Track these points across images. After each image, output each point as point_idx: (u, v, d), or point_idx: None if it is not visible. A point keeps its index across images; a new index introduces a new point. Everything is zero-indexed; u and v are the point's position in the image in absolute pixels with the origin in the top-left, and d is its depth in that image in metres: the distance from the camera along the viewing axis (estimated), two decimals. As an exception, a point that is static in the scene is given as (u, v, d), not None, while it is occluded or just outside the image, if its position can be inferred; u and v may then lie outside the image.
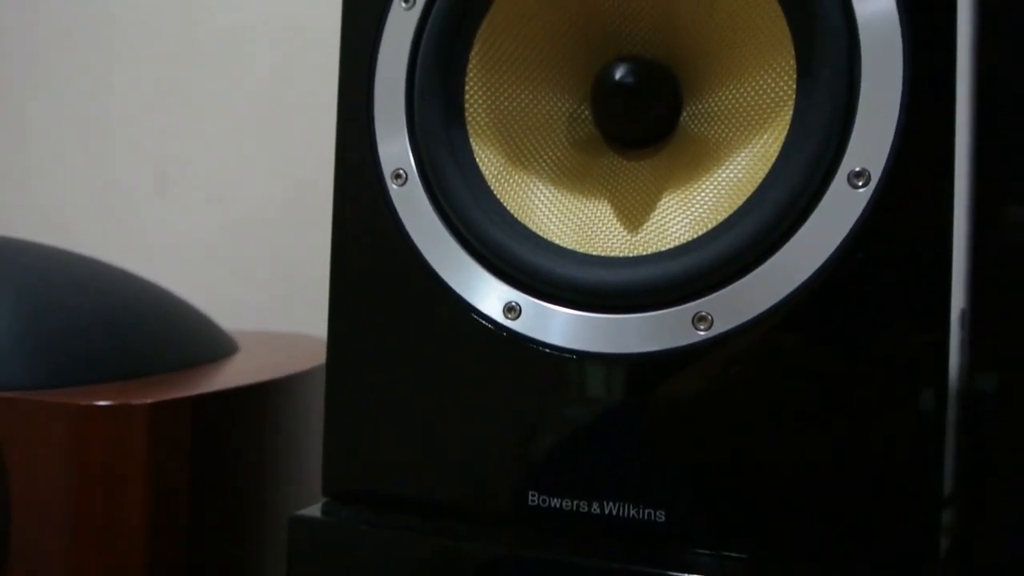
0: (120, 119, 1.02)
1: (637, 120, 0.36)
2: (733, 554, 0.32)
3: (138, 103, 1.01)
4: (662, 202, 0.36)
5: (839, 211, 0.31)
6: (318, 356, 0.62)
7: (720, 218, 0.33)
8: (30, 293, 0.46)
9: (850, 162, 0.31)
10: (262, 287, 0.96)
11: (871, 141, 0.31)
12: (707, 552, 0.32)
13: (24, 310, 0.45)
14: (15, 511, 0.39)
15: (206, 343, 0.57)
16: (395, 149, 0.37)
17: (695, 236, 0.34)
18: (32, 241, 0.55)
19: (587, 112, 0.37)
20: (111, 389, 0.43)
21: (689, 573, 0.31)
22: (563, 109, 0.38)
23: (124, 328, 0.50)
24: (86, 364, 0.45)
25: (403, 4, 0.37)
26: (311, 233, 0.93)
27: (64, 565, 0.40)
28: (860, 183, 0.31)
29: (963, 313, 0.36)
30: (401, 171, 0.37)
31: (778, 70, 0.33)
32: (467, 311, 0.36)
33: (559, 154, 0.37)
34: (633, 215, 0.36)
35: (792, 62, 0.33)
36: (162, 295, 0.59)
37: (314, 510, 0.38)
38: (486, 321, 0.35)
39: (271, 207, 0.96)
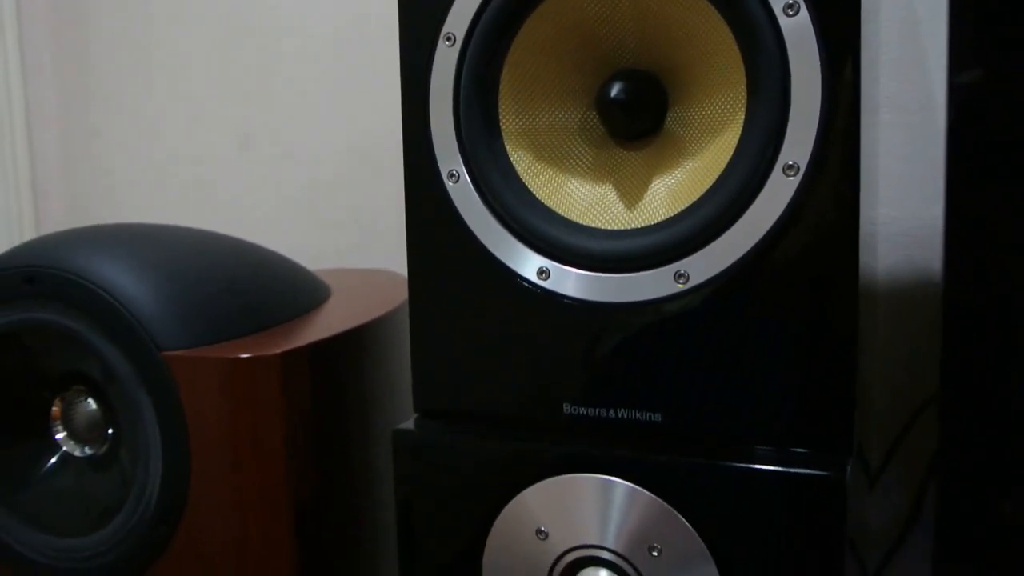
0: (205, 89, 1.15)
1: (631, 124, 0.48)
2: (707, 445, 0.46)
3: (220, 74, 1.14)
4: (652, 185, 0.48)
5: (777, 194, 0.43)
6: (398, 291, 0.76)
7: (693, 199, 0.46)
8: (174, 270, 0.61)
9: (784, 157, 0.43)
10: (335, 232, 1.11)
11: (799, 141, 0.43)
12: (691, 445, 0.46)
13: (173, 285, 0.59)
14: (192, 444, 0.55)
15: (308, 292, 0.72)
16: (448, 154, 0.50)
17: (675, 213, 0.46)
18: (163, 224, 0.70)
19: (594, 115, 0.49)
20: (246, 343, 0.58)
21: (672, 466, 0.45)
22: (575, 115, 0.50)
23: (247, 290, 0.65)
24: (224, 324, 0.60)
25: (446, 42, 0.49)
26: (376, 183, 1.07)
27: (228, 484, 0.55)
28: (791, 173, 0.43)
29: None
30: (454, 171, 0.50)
31: (734, 87, 0.45)
32: (512, 276, 0.49)
33: (574, 150, 0.50)
34: (630, 196, 0.48)
35: (744, 81, 0.44)
36: (267, 255, 0.73)
37: (409, 424, 0.53)
38: (526, 282, 0.49)
39: (340, 162, 1.09)
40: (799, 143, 0.43)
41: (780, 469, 0.43)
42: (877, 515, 0.84)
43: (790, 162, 0.43)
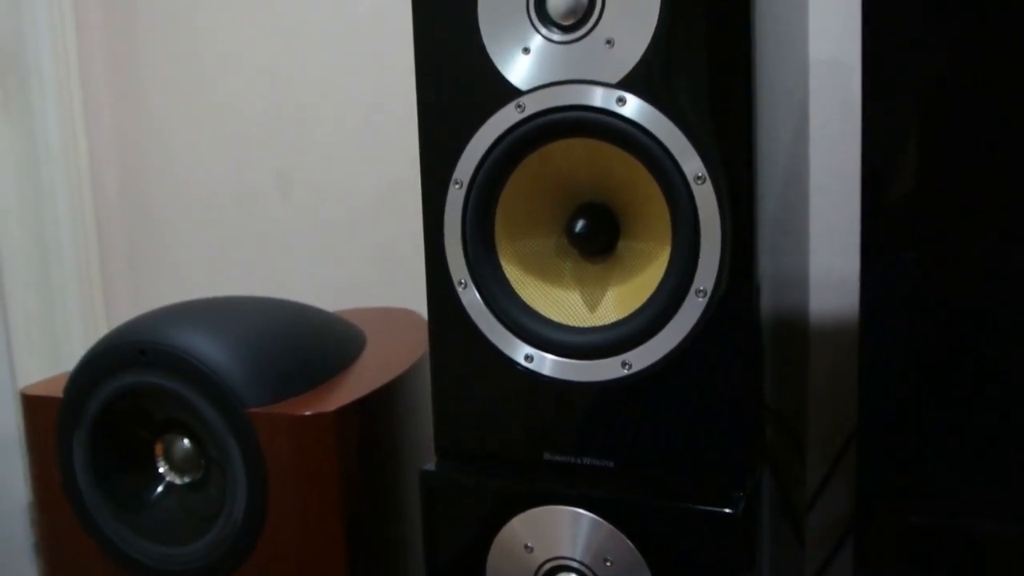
0: (248, 134, 1.34)
1: (591, 249, 0.67)
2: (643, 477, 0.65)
3: (263, 121, 1.33)
4: (607, 293, 0.67)
5: (692, 310, 0.62)
6: (419, 337, 0.95)
7: (635, 307, 0.64)
8: (248, 339, 0.80)
9: (697, 283, 0.62)
10: (363, 267, 1.30)
11: (707, 272, 0.61)
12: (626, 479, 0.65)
13: (249, 352, 0.79)
14: (269, 477, 0.74)
15: (350, 343, 0.91)
16: (458, 268, 0.69)
17: (622, 317, 0.65)
18: (234, 296, 0.89)
19: (565, 240, 0.68)
20: (307, 399, 0.77)
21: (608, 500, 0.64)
22: (551, 240, 0.69)
23: (304, 347, 0.84)
24: (289, 383, 0.79)
25: (456, 186, 0.68)
26: (399, 225, 1.26)
27: (296, 507, 0.75)
28: (700, 296, 0.62)
29: None
30: (463, 280, 0.69)
31: (663, 228, 0.63)
32: (506, 359, 0.68)
33: (551, 265, 0.69)
34: (591, 300, 0.67)
35: (670, 226, 0.63)
36: (315, 314, 0.93)
37: (431, 465, 0.72)
38: (516, 364, 0.68)
39: (368, 204, 1.28)
40: (706, 272, 0.61)
41: (686, 505, 0.62)
42: (820, 527, 1.03)
43: (700, 287, 0.62)
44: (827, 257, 1.01)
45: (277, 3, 1.28)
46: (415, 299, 1.20)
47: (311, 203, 1.32)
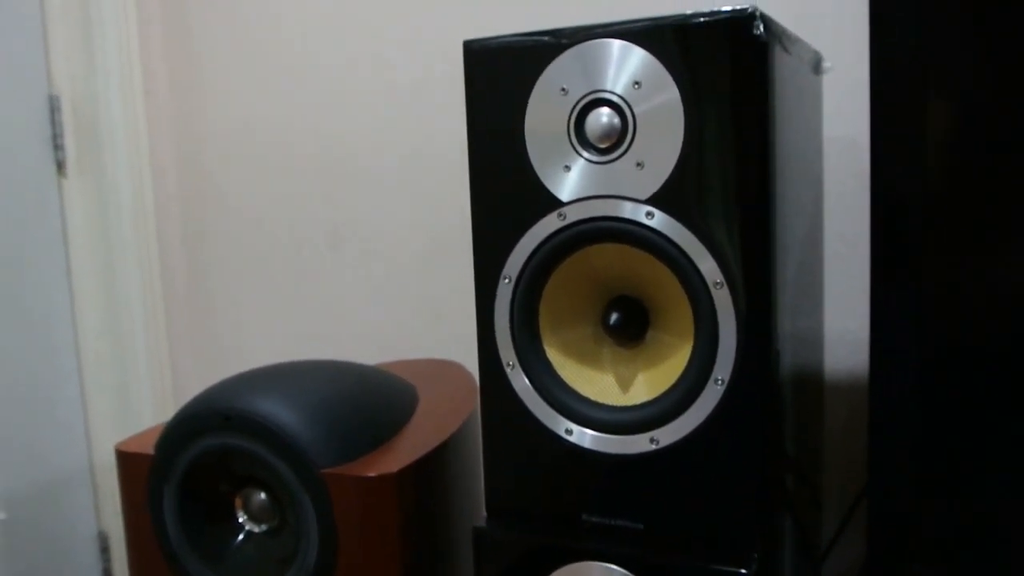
0: (302, 191, 1.46)
1: (624, 338, 0.77)
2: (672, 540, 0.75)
3: (315, 178, 1.45)
4: (638, 377, 0.77)
5: (711, 396, 0.72)
6: (468, 392, 1.06)
7: (661, 391, 0.75)
8: (318, 403, 0.92)
9: (715, 373, 0.72)
10: (411, 319, 1.41)
11: (724, 364, 0.72)
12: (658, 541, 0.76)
13: (319, 416, 0.90)
14: (338, 529, 0.86)
15: (404, 401, 1.02)
16: (507, 351, 0.80)
17: (650, 398, 0.76)
18: (301, 361, 1.01)
19: (600, 330, 0.79)
20: (371, 460, 0.88)
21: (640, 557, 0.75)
22: (588, 329, 0.79)
23: (366, 410, 0.95)
24: (354, 444, 0.90)
25: (505, 280, 0.79)
26: (445, 279, 1.37)
27: (362, 556, 0.86)
28: (719, 383, 0.72)
29: None
30: (511, 362, 0.80)
31: (686, 324, 0.74)
32: (549, 432, 0.79)
33: (588, 350, 0.79)
34: (624, 382, 0.78)
35: (692, 321, 0.73)
36: (372, 374, 1.04)
37: (482, 522, 0.83)
38: (557, 437, 0.78)
39: (416, 258, 1.40)
40: (724, 364, 0.72)
41: (707, 565, 0.72)
42: (837, 571, 1.12)
43: (719, 377, 0.72)
44: (841, 319, 1.11)
45: (329, 69, 1.40)
46: (459, 350, 1.32)
47: (360, 256, 1.44)
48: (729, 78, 0.69)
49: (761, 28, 0.68)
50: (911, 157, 0.82)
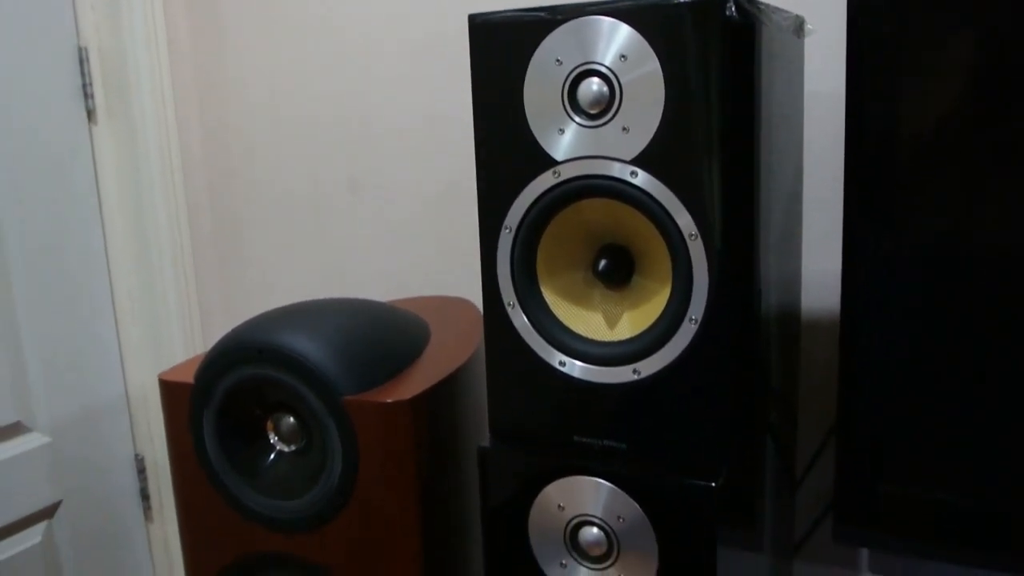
0: (323, 144, 1.57)
1: (611, 282, 0.89)
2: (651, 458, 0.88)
3: (335, 132, 1.55)
4: (623, 316, 0.89)
5: (686, 333, 0.84)
6: (475, 327, 1.18)
7: (643, 329, 0.86)
8: (341, 337, 1.04)
9: (690, 313, 0.84)
10: (424, 258, 1.53)
11: (698, 303, 0.83)
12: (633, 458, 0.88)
13: (343, 349, 1.02)
14: (360, 450, 0.98)
15: (418, 336, 1.14)
16: (508, 293, 0.91)
17: (635, 335, 0.87)
18: (325, 300, 1.13)
19: (590, 273, 0.90)
20: (388, 389, 1.01)
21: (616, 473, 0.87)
22: (580, 274, 0.90)
23: (384, 342, 1.07)
24: (373, 374, 1.03)
25: (506, 230, 0.90)
26: (458, 220, 1.48)
27: (381, 473, 0.99)
28: (693, 322, 0.84)
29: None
30: (511, 302, 0.91)
31: (666, 270, 0.85)
32: (545, 364, 0.91)
33: (580, 292, 0.91)
34: (611, 321, 0.89)
35: (671, 268, 0.84)
36: (388, 311, 1.16)
37: (487, 442, 0.95)
38: (552, 368, 0.90)
39: (429, 204, 1.51)
40: (697, 305, 0.83)
41: (681, 479, 0.85)
42: (812, 495, 1.25)
43: (692, 316, 0.83)
44: (820, 261, 1.22)
45: (348, 27, 1.50)
46: (468, 288, 1.44)
47: (376, 202, 1.55)
48: (704, 53, 0.78)
49: (733, 10, 0.78)
50: (883, 111, 0.92)
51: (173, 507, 1.69)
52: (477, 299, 1.35)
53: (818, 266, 1.22)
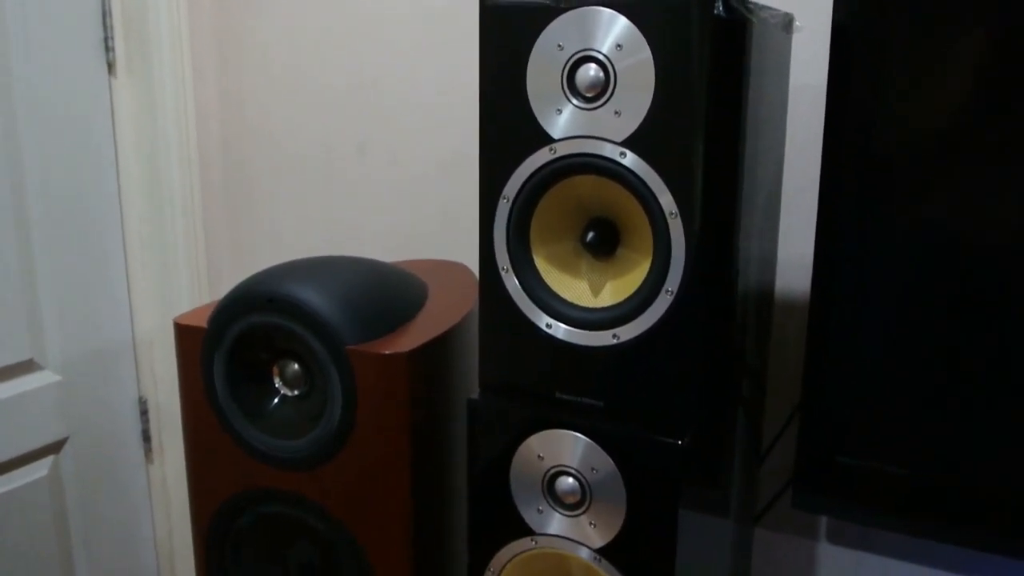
0: (334, 105, 1.65)
1: (598, 252, 0.98)
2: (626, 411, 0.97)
3: (345, 94, 1.64)
4: (606, 285, 0.98)
5: (662, 303, 0.93)
6: (470, 290, 1.27)
7: (623, 298, 0.95)
8: (346, 291, 1.13)
9: (667, 285, 0.93)
10: (426, 223, 1.61)
11: (675, 276, 0.92)
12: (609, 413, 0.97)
13: (347, 301, 1.11)
14: (358, 397, 1.08)
15: (417, 294, 1.23)
16: (503, 258, 1.00)
17: (616, 302, 0.96)
18: (331, 256, 1.21)
19: (579, 244, 0.99)
20: (387, 341, 1.10)
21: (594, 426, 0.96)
22: (570, 244, 0.99)
23: (385, 299, 1.16)
24: (374, 327, 1.12)
25: (504, 200, 0.99)
26: (459, 189, 1.56)
27: (377, 419, 1.08)
28: (669, 294, 0.93)
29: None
30: (505, 267, 1.00)
31: (647, 243, 0.94)
32: (533, 325, 1.00)
33: (569, 260, 0.99)
34: (595, 288, 0.98)
35: (652, 242, 0.93)
36: (391, 269, 1.24)
37: (475, 395, 1.04)
38: (539, 329, 0.99)
39: (433, 170, 1.59)
40: (674, 278, 0.92)
41: (649, 435, 0.94)
42: (769, 478, 1.35)
43: (669, 288, 0.92)
44: (796, 245, 1.31)
45: (362, -4, 1.57)
46: (465, 253, 1.53)
47: (383, 165, 1.63)
48: (693, 47, 0.87)
49: (721, 9, 0.86)
50: (861, 106, 1.01)
51: (172, 449, 1.79)
52: (473, 264, 1.44)
53: (795, 250, 1.30)
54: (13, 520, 1.59)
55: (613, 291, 0.97)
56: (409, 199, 1.61)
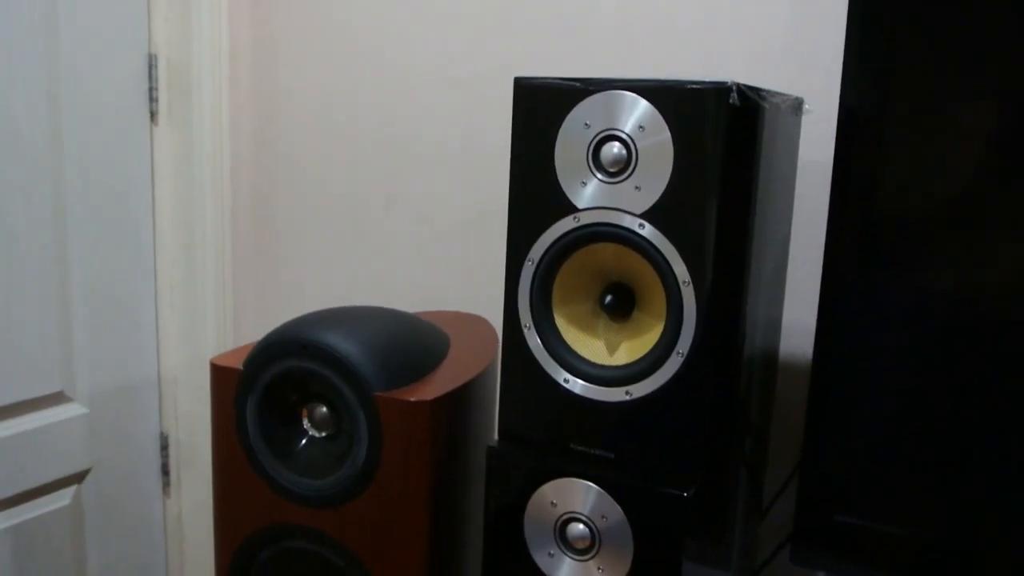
0: (363, 161, 1.75)
1: (615, 315, 1.06)
2: (634, 466, 1.04)
3: (375, 151, 1.73)
4: (622, 344, 1.06)
5: (673, 364, 1.01)
6: (491, 343, 1.35)
7: (637, 358, 1.04)
8: (375, 339, 1.21)
9: (678, 347, 1.01)
10: (449, 277, 1.70)
11: (686, 339, 1.00)
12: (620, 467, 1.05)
13: (376, 350, 1.19)
14: (384, 440, 1.15)
15: (439, 345, 1.31)
16: (526, 316, 1.08)
17: (630, 361, 1.04)
18: (361, 306, 1.30)
19: (598, 306, 1.07)
20: (413, 389, 1.18)
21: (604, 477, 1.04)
22: (589, 305, 1.08)
23: (411, 348, 1.25)
24: (400, 375, 1.20)
25: (529, 262, 1.07)
26: (481, 244, 1.65)
27: (400, 461, 1.16)
28: (680, 355, 1.01)
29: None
30: (528, 324, 1.08)
31: (661, 308, 1.02)
32: (552, 380, 1.08)
33: (587, 321, 1.08)
34: (611, 348, 1.07)
35: (665, 308, 1.02)
36: (414, 320, 1.33)
37: (494, 443, 1.12)
38: (558, 384, 1.07)
39: (457, 226, 1.68)
40: (685, 341, 1.00)
41: (657, 487, 1.01)
42: (769, 533, 1.41)
43: (680, 350, 1.00)
44: (801, 312, 1.39)
45: (395, 61, 1.68)
46: (485, 306, 1.61)
47: (407, 220, 1.72)
48: (709, 131, 0.96)
49: (735, 98, 0.95)
50: (864, 185, 1.10)
51: (189, 484, 1.86)
52: (491, 317, 1.53)
53: (799, 316, 1.39)
54: (35, 548, 1.66)
55: (628, 351, 1.05)
56: (431, 254, 1.70)
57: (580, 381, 1.05)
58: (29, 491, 1.64)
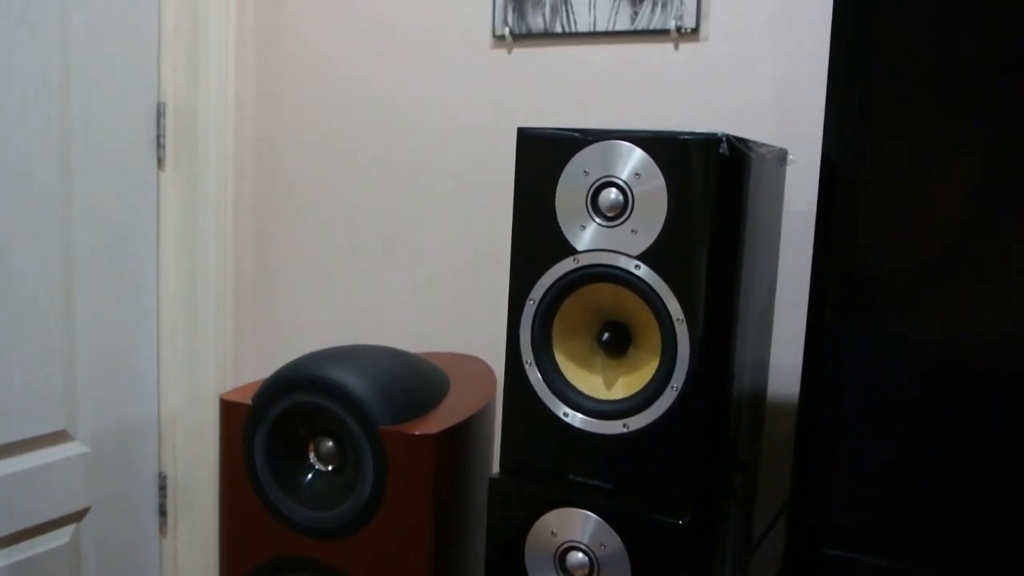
0: (362, 207, 1.82)
1: (612, 352, 1.13)
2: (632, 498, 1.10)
3: (374, 198, 1.81)
4: (619, 380, 1.13)
5: (668, 398, 1.08)
6: (490, 383, 1.42)
7: (633, 392, 1.10)
8: (380, 376, 1.27)
9: (672, 382, 1.07)
10: (446, 319, 1.77)
11: (680, 374, 1.07)
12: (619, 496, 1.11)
13: (382, 386, 1.25)
14: (389, 473, 1.21)
15: (440, 384, 1.37)
16: (527, 352, 1.15)
17: (627, 395, 1.11)
18: (366, 345, 1.36)
19: (596, 343, 1.14)
20: (417, 424, 1.24)
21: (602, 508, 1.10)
22: (587, 342, 1.14)
23: (415, 386, 1.31)
24: (405, 411, 1.26)
25: (530, 302, 1.14)
26: (477, 287, 1.72)
27: (404, 493, 1.21)
28: (674, 389, 1.07)
29: None
30: (529, 361, 1.15)
31: (656, 345, 1.09)
32: (552, 414, 1.14)
33: (585, 357, 1.14)
34: (608, 383, 1.13)
35: (660, 345, 1.08)
36: (418, 359, 1.39)
37: (496, 475, 1.18)
38: (557, 418, 1.14)
39: (455, 269, 1.75)
40: (679, 376, 1.07)
41: (653, 515, 1.07)
42: (759, 567, 1.47)
43: (674, 384, 1.07)
44: (788, 353, 1.46)
45: (398, 106, 1.76)
46: (480, 347, 1.67)
47: (405, 264, 1.79)
48: (700, 178, 1.04)
49: (725, 148, 1.03)
50: (846, 232, 1.17)
51: (186, 524, 1.90)
52: (486, 358, 1.59)
53: (786, 358, 1.46)
54: (35, 585, 1.69)
55: (624, 385, 1.11)
56: (429, 296, 1.76)
57: (579, 415, 1.12)
58: (29, 529, 1.67)
